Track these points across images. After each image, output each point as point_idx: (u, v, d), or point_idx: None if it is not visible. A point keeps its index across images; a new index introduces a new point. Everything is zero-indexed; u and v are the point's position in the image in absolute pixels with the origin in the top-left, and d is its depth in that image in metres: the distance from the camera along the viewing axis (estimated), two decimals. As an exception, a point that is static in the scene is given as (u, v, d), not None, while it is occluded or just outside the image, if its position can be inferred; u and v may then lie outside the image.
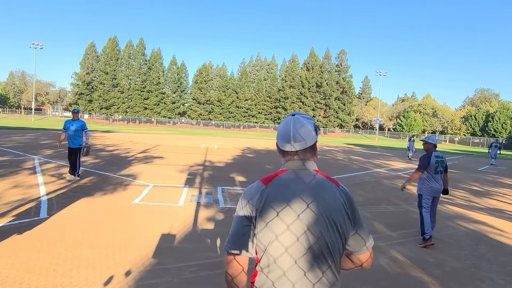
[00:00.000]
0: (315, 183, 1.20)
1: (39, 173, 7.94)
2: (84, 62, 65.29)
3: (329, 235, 1.14)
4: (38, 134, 22.12)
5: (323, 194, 1.17)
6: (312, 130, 1.25)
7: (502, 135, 60.19)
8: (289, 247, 1.12)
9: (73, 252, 3.55)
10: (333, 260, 1.16)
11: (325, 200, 1.16)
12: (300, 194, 1.17)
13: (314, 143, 1.28)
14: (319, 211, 1.14)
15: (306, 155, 1.26)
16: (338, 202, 1.17)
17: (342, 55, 69.73)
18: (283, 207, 1.14)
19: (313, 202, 1.15)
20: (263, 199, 1.18)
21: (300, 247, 1.12)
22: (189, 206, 5.79)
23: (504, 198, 8.60)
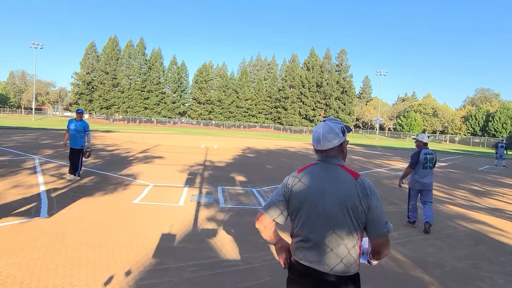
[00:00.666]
0: (334, 174, 1.52)
1: (39, 173, 7.94)
2: (85, 62, 65.30)
3: (340, 217, 1.44)
4: (39, 134, 22.13)
5: (339, 183, 1.48)
6: (339, 133, 1.57)
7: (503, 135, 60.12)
8: (306, 221, 1.51)
9: (73, 252, 3.55)
10: (345, 238, 1.44)
11: (339, 188, 1.46)
12: (320, 182, 1.52)
13: (341, 143, 1.58)
14: (332, 196, 1.46)
15: (332, 153, 1.58)
16: (351, 191, 1.45)
17: (342, 55, 69.70)
18: (305, 191, 1.52)
19: (328, 189, 1.48)
20: (294, 183, 1.59)
21: (315, 223, 1.48)
22: (189, 206, 5.79)
23: (504, 198, 8.59)
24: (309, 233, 1.50)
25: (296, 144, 29.21)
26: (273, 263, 3.64)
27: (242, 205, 6.08)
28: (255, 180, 8.84)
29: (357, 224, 1.45)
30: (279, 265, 3.64)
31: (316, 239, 1.48)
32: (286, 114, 68.04)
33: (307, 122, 68.63)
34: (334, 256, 1.44)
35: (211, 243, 4.12)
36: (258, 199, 6.61)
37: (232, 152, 16.86)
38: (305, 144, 31.13)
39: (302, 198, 1.52)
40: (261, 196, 6.88)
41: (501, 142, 19.33)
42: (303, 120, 68.41)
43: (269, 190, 7.60)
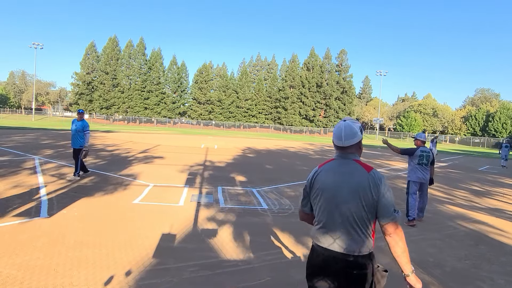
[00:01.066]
0: (350, 168, 1.73)
1: (39, 173, 7.94)
2: (85, 62, 65.30)
3: (353, 205, 1.65)
4: (39, 134, 22.14)
5: (354, 176, 1.68)
6: (358, 132, 1.76)
7: (503, 135, 60.13)
8: (325, 209, 1.72)
9: (74, 252, 3.55)
10: (357, 223, 1.65)
11: (354, 180, 1.67)
12: (337, 174, 1.73)
13: (359, 141, 1.78)
14: (347, 187, 1.67)
15: (351, 150, 1.78)
16: (363, 183, 1.64)
17: (343, 55, 69.71)
18: (324, 182, 1.75)
19: (344, 180, 1.69)
20: (315, 176, 1.83)
21: (332, 210, 1.69)
22: (189, 206, 5.79)
23: (504, 198, 8.59)
24: (327, 218, 1.72)
25: (296, 144, 29.21)
26: (273, 263, 3.64)
27: (242, 205, 6.07)
28: (255, 180, 8.84)
29: (369, 211, 1.65)
30: (279, 265, 3.67)
31: (332, 223, 1.70)
32: (286, 114, 68.04)
33: (307, 122, 68.63)
34: (349, 239, 1.66)
35: (211, 243, 4.12)
36: (258, 199, 6.60)
37: (232, 152, 16.86)
38: (305, 144, 31.13)
39: (321, 188, 1.76)
40: (261, 196, 6.87)
41: (506, 143, 18.98)
42: (303, 120, 68.40)
43: (269, 190, 7.60)
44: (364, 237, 1.67)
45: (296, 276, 3.35)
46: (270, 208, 5.98)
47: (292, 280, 3.25)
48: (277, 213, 5.66)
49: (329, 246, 1.69)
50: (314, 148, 25.72)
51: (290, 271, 3.46)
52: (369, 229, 1.70)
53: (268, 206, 6.11)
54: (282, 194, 7.20)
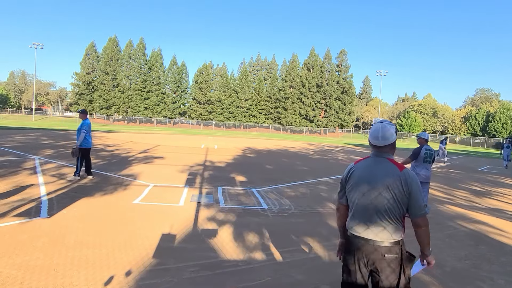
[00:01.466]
0: (384, 165, 1.92)
1: (39, 173, 7.94)
2: (85, 62, 65.35)
3: (387, 199, 1.84)
4: (39, 134, 22.15)
5: (387, 173, 1.88)
6: (394, 133, 1.97)
7: (503, 135, 60.09)
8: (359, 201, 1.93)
9: (74, 252, 3.55)
10: (389, 215, 1.85)
11: (387, 177, 1.87)
12: (372, 171, 1.93)
13: (394, 141, 1.98)
14: (380, 183, 1.87)
15: (386, 148, 1.98)
16: (396, 180, 1.84)
17: (343, 55, 69.73)
18: (359, 177, 1.96)
19: (378, 177, 1.89)
20: (351, 172, 2.03)
21: (366, 202, 1.90)
22: (189, 206, 5.79)
23: (504, 198, 8.59)
24: (361, 209, 1.92)
25: (296, 144, 29.22)
26: (273, 263, 3.64)
27: (242, 205, 6.07)
28: (255, 180, 8.84)
29: (400, 204, 1.85)
30: (279, 265, 3.67)
31: (366, 214, 1.90)
32: (286, 114, 68.05)
33: (307, 122, 68.63)
34: (381, 227, 1.86)
35: (211, 243, 4.11)
36: (258, 199, 6.60)
37: (232, 152, 16.86)
38: (305, 144, 31.13)
39: (356, 182, 1.96)
40: (261, 197, 6.87)
41: (508, 143, 18.45)
42: (303, 120, 68.41)
43: (269, 190, 7.60)
44: (394, 226, 1.87)
45: (296, 276, 3.35)
46: (270, 208, 5.98)
47: (292, 280, 3.25)
48: (277, 213, 5.66)
49: (363, 234, 1.90)
50: (314, 148, 25.72)
51: (290, 271, 3.46)
52: (399, 220, 1.89)
53: (268, 206, 6.11)
54: (282, 194, 7.20)
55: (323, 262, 3.76)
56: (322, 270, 3.53)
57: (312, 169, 12.23)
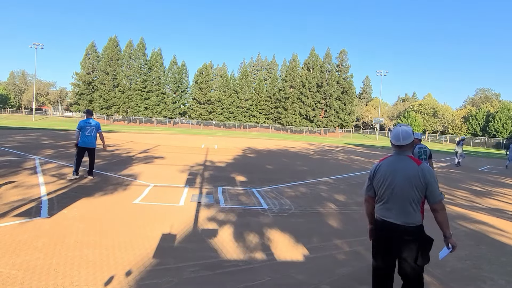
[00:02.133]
0: (405, 162, 2.35)
1: (39, 173, 7.94)
2: (85, 62, 65.38)
3: (408, 189, 2.27)
4: (39, 134, 22.15)
5: (408, 168, 2.31)
6: (412, 135, 2.40)
7: (503, 135, 60.08)
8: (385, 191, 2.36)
9: (74, 252, 3.55)
10: (410, 202, 2.27)
11: (407, 171, 2.29)
12: (395, 166, 2.36)
13: (412, 141, 2.41)
14: (403, 176, 2.29)
15: (405, 148, 2.41)
16: (415, 173, 2.26)
17: (343, 55, 69.72)
18: (385, 172, 2.39)
19: (401, 171, 2.32)
20: (377, 168, 2.47)
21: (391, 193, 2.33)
22: (189, 206, 5.79)
23: (505, 198, 8.58)
24: (388, 199, 2.35)
25: (296, 144, 29.21)
26: (273, 263, 3.64)
27: (243, 205, 6.07)
28: (256, 180, 8.84)
29: (419, 194, 2.27)
30: (279, 265, 3.67)
31: (392, 202, 2.33)
32: (286, 114, 68.04)
33: (307, 122, 68.62)
34: (404, 213, 2.28)
35: (212, 243, 4.11)
36: (258, 199, 6.60)
37: (232, 152, 16.86)
38: (305, 144, 31.12)
39: (383, 176, 2.39)
40: (262, 197, 6.87)
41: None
42: (303, 120, 68.40)
43: (269, 190, 7.59)
44: (415, 212, 2.29)
45: (297, 276, 3.34)
46: (270, 208, 5.98)
47: (292, 280, 3.25)
48: (277, 213, 5.66)
49: (389, 218, 2.34)
50: (315, 148, 25.71)
51: (290, 271, 3.46)
52: (418, 206, 2.30)
53: (268, 206, 6.11)
54: (283, 194, 7.20)
55: (323, 262, 3.75)
56: (322, 270, 3.53)
57: (312, 169, 12.22)
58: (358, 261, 3.83)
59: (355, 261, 3.83)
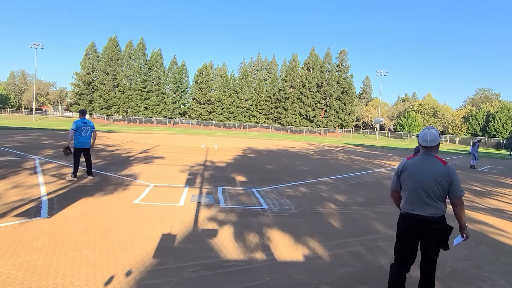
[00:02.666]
0: (431, 161, 2.62)
1: (39, 173, 7.94)
2: (85, 62, 65.37)
3: (432, 186, 2.56)
4: (39, 134, 22.15)
5: (434, 167, 2.58)
6: (438, 137, 2.64)
7: (503, 135, 60.08)
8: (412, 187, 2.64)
9: (74, 252, 3.55)
10: (435, 197, 2.58)
11: (434, 170, 2.57)
12: (422, 165, 2.63)
13: (438, 143, 2.66)
14: (429, 174, 2.57)
15: (432, 148, 2.66)
16: (441, 172, 2.54)
17: (343, 55, 69.69)
18: (412, 169, 2.66)
19: (427, 169, 2.59)
20: (405, 165, 2.72)
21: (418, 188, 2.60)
22: (189, 206, 5.79)
23: (505, 198, 8.58)
24: (414, 194, 2.64)
25: (296, 145, 29.20)
26: (273, 263, 3.63)
27: (243, 205, 6.07)
28: (256, 180, 8.84)
29: (443, 190, 2.57)
30: (279, 265, 3.67)
31: (418, 197, 2.61)
32: (286, 114, 68.03)
33: (307, 122, 68.61)
34: (428, 206, 2.59)
35: (212, 243, 4.11)
36: (258, 199, 6.60)
37: (232, 152, 16.86)
38: (305, 144, 31.12)
39: (410, 173, 2.67)
40: (262, 197, 6.87)
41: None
42: (303, 120, 68.39)
43: (269, 190, 7.59)
44: (438, 205, 2.60)
45: (297, 276, 3.34)
46: (270, 208, 5.98)
47: (292, 280, 3.25)
48: (277, 213, 5.66)
49: (415, 211, 2.63)
50: (315, 148, 25.71)
51: (290, 271, 3.46)
52: (442, 201, 2.62)
53: (268, 206, 6.11)
54: (283, 194, 7.20)
55: (323, 262, 3.76)
56: (322, 270, 3.53)
57: (312, 169, 12.22)
58: (358, 261, 3.84)
59: (355, 261, 3.83)
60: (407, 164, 2.71)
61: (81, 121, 7.65)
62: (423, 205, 2.58)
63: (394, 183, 2.81)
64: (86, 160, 7.75)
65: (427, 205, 2.57)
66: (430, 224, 2.57)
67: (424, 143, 2.63)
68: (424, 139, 2.62)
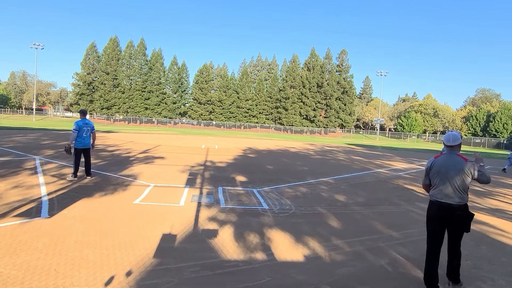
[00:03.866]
0: (455, 158, 3.16)
1: (40, 173, 7.95)
2: (85, 63, 65.40)
3: (457, 179, 3.09)
4: (39, 135, 22.17)
5: (457, 163, 3.12)
6: (459, 137, 3.22)
7: (503, 135, 60.03)
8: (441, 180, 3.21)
9: (74, 252, 3.56)
10: (459, 188, 3.11)
11: (457, 166, 3.10)
12: (448, 162, 3.20)
13: (460, 143, 3.24)
14: (454, 169, 3.11)
15: (455, 148, 3.24)
16: (463, 167, 3.07)
17: (343, 55, 69.68)
18: (440, 166, 3.23)
19: (452, 166, 3.14)
20: (432, 163, 3.32)
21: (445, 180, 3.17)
22: (190, 206, 5.79)
23: (505, 198, 8.57)
24: (442, 185, 3.19)
25: (297, 145, 29.20)
26: (273, 264, 3.63)
27: (243, 206, 6.07)
28: (256, 180, 8.84)
29: (465, 182, 3.10)
30: (280, 266, 3.67)
31: (445, 188, 3.16)
32: (286, 115, 68.03)
33: (307, 122, 68.60)
34: (454, 195, 3.13)
35: (212, 244, 4.11)
36: (258, 200, 6.60)
37: (232, 153, 16.86)
38: (305, 144, 31.12)
39: (438, 169, 3.24)
40: (262, 197, 6.87)
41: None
42: (303, 120, 68.38)
43: (269, 190, 7.59)
44: (463, 195, 3.13)
45: (297, 276, 3.34)
46: (270, 208, 5.98)
47: (292, 280, 3.25)
48: (278, 214, 5.66)
49: (443, 199, 3.17)
50: (315, 148, 25.71)
51: (290, 271, 3.46)
52: (465, 191, 3.13)
53: (268, 206, 6.11)
54: (283, 195, 7.20)
55: (323, 262, 3.75)
56: (322, 270, 3.53)
57: (313, 169, 12.22)
58: (359, 261, 3.83)
59: (355, 261, 3.83)
60: (434, 162, 3.29)
61: (82, 122, 7.66)
62: (449, 195, 3.13)
63: (425, 178, 3.42)
64: (87, 160, 7.77)
65: (453, 195, 3.12)
66: (455, 210, 3.11)
67: (447, 143, 3.23)
68: (447, 139, 3.23)
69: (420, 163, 17.81)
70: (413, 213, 6.34)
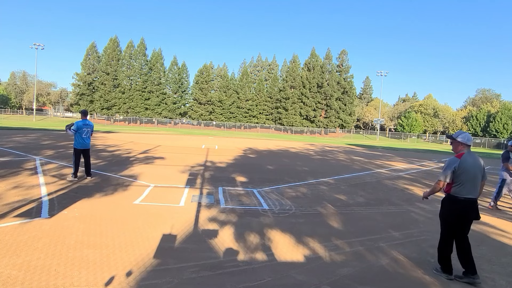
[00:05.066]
0: (476, 157, 3.63)
1: (40, 174, 7.95)
2: (85, 63, 65.42)
3: (479, 175, 3.57)
4: (40, 135, 22.18)
5: (479, 161, 3.61)
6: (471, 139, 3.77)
7: (504, 135, 60.00)
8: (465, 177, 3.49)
9: (74, 253, 3.56)
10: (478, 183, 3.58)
11: (479, 163, 3.60)
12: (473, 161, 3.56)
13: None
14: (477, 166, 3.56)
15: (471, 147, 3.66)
16: (481, 164, 3.63)
17: (343, 55, 69.67)
18: (465, 164, 3.51)
19: (476, 164, 3.57)
20: (459, 163, 3.52)
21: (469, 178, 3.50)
22: (190, 207, 5.79)
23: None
24: (469, 182, 3.48)
25: (297, 145, 29.21)
26: (273, 264, 3.63)
27: (243, 206, 6.07)
28: (256, 180, 8.84)
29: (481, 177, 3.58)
30: (280, 266, 3.67)
31: (471, 184, 3.48)
32: (286, 115, 68.03)
33: (307, 122, 68.61)
34: (476, 191, 3.53)
35: (212, 244, 4.11)
36: (259, 200, 6.60)
37: (233, 153, 16.86)
38: (306, 144, 31.12)
39: (463, 167, 3.48)
40: (262, 197, 6.87)
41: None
42: (303, 120, 68.37)
43: (270, 190, 7.59)
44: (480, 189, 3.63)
45: (297, 276, 3.34)
46: (270, 208, 5.98)
47: (292, 281, 3.25)
48: (278, 214, 5.66)
49: (469, 195, 3.48)
50: (315, 148, 25.71)
51: (290, 271, 3.46)
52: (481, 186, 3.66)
53: (269, 206, 6.11)
54: (283, 195, 7.20)
55: (323, 262, 3.75)
56: (322, 271, 3.52)
57: (313, 169, 12.22)
58: (359, 261, 3.83)
59: (355, 261, 3.83)
60: (460, 162, 3.51)
61: (82, 122, 7.67)
62: (474, 192, 3.50)
63: (449, 177, 3.52)
64: (87, 161, 7.77)
65: (476, 191, 3.52)
66: (475, 203, 3.52)
67: (469, 142, 3.61)
68: (469, 138, 3.62)
69: (420, 163, 17.81)
70: (413, 213, 6.33)
